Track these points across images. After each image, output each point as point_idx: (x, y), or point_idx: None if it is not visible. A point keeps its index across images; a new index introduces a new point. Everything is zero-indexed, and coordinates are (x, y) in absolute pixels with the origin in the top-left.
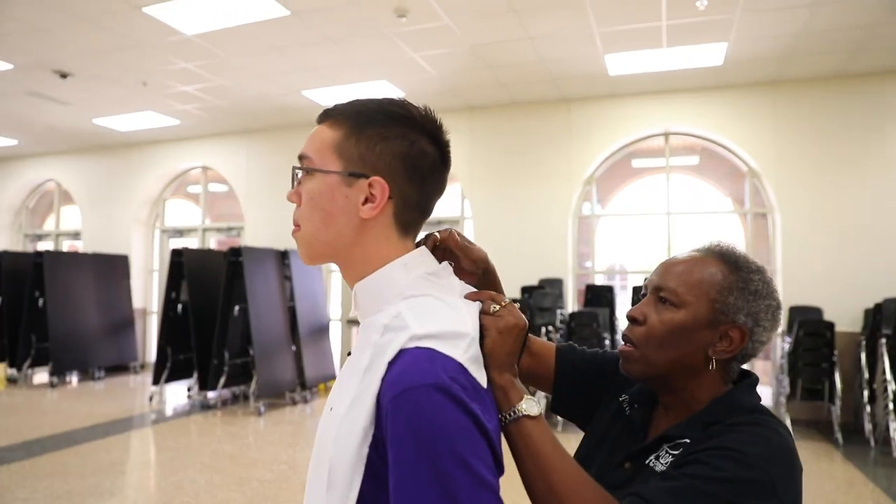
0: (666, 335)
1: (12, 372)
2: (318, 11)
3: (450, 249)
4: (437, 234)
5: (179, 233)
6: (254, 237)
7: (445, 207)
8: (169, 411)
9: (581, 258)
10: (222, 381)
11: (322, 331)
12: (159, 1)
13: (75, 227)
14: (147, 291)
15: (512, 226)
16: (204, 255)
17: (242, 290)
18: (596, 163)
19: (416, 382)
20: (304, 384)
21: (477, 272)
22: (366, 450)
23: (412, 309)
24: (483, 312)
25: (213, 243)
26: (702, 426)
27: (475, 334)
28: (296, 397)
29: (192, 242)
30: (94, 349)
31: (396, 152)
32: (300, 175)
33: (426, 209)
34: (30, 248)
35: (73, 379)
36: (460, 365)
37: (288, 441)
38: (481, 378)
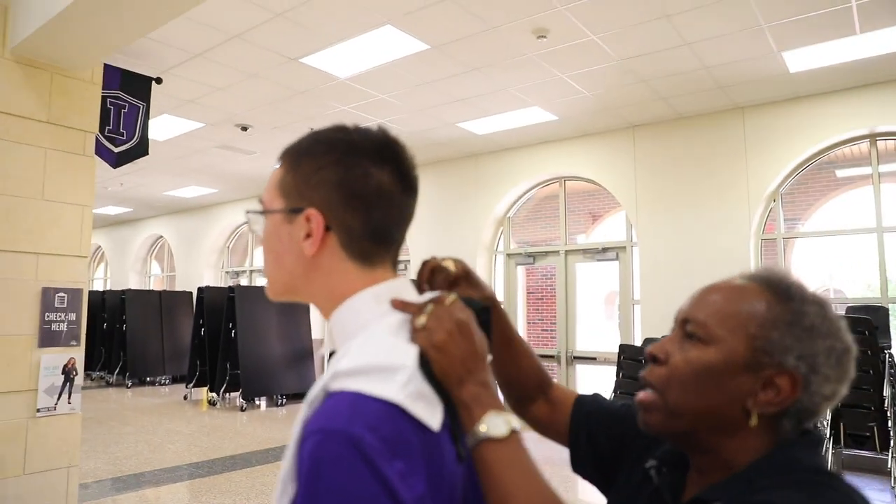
0: (691, 378)
1: (212, 395)
2: (456, 42)
3: (463, 279)
4: (449, 265)
5: None
6: (418, 269)
7: (610, 234)
8: None
9: None
10: None
11: None
12: (314, 51)
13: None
14: (325, 324)
15: (684, 252)
16: None
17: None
18: (780, 176)
19: (325, 425)
20: None
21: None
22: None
23: (361, 342)
24: (413, 331)
25: None
26: (745, 485)
27: (415, 364)
28: None
29: None
30: (278, 377)
31: (331, 180)
32: (253, 220)
33: (382, 237)
34: (229, 284)
35: (262, 403)
36: (392, 408)
37: None
38: (429, 415)
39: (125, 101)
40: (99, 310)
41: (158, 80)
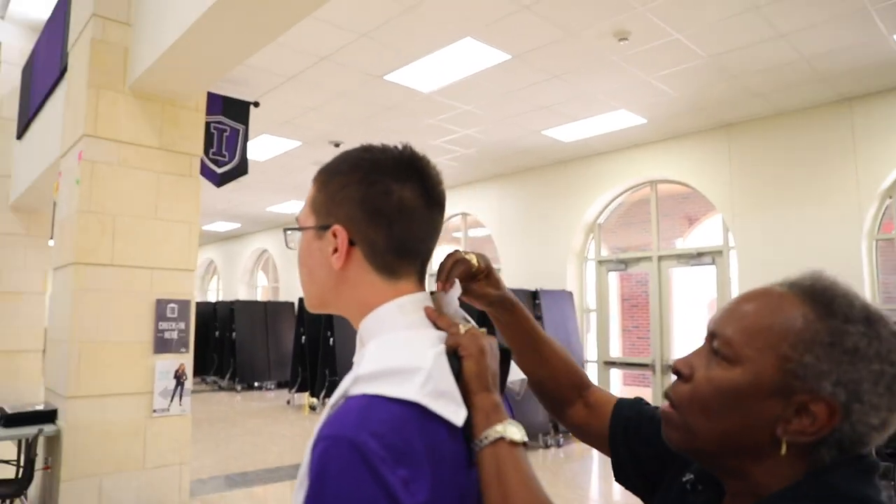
0: (713, 400)
1: (313, 400)
2: (536, 50)
3: (483, 275)
4: (472, 258)
5: None
6: (509, 277)
7: (708, 238)
8: None
9: (888, 289)
10: None
11: None
12: (396, 68)
13: None
14: None
15: (786, 256)
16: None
17: (491, 331)
18: None
19: (334, 432)
20: (558, 427)
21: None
22: (299, 499)
23: (378, 346)
24: (452, 335)
25: None
26: None
27: (434, 368)
28: (549, 440)
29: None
30: None
31: (355, 198)
32: (290, 237)
33: (405, 251)
34: None
35: None
36: (407, 411)
37: None
38: (452, 411)
39: (227, 125)
40: (211, 319)
41: (256, 104)
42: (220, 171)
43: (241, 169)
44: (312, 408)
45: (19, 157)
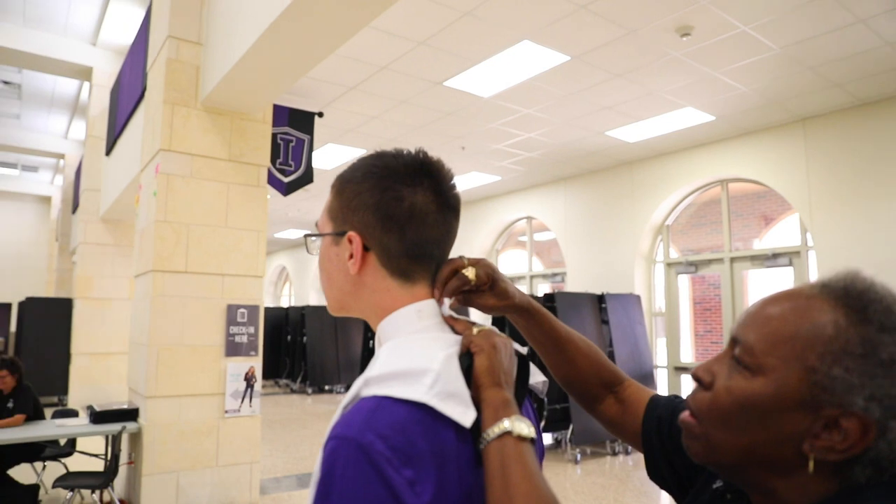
0: (733, 411)
1: None
2: (596, 50)
3: (487, 287)
4: (470, 273)
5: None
6: (575, 281)
7: (783, 239)
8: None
9: None
10: (541, 425)
11: (645, 378)
12: (455, 74)
13: None
14: None
15: (871, 255)
16: None
17: (515, 336)
18: None
19: (342, 432)
20: None
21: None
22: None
23: (390, 349)
24: (466, 336)
25: (543, 290)
26: None
27: (444, 369)
28: (616, 447)
29: (521, 289)
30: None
31: (368, 204)
32: (310, 243)
33: (419, 255)
34: None
35: None
36: (416, 412)
37: (598, 493)
38: (460, 412)
39: (292, 135)
40: (283, 324)
41: (320, 114)
42: (286, 180)
43: (307, 178)
44: None
45: (108, 172)
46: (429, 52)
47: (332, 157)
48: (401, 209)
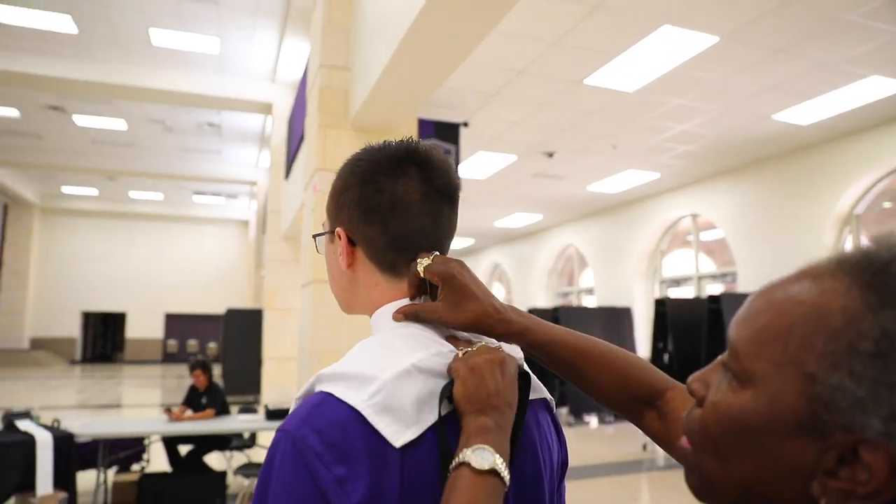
0: (721, 435)
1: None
2: (747, 26)
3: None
4: (421, 264)
5: (676, 282)
6: (747, 283)
7: None
8: (660, 461)
9: None
10: None
11: None
12: (594, 70)
13: (591, 284)
14: (649, 342)
15: None
16: (686, 304)
17: (723, 339)
18: None
19: (284, 425)
20: None
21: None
22: None
23: (356, 349)
24: (456, 357)
25: (711, 291)
26: None
27: (393, 381)
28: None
29: (689, 291)
30: None
31: (351, 199)
32: (318, 242)
33: (405, 247)
34: (559, 304)
35: (593, 420)
36: (354, 414)
37: None
38: (393, 430)
39: (440, 146)
40: None
41: (465, 124)
42: None
43: None
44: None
45: (286, 194)
46: (563, 51)
47: (483, 164)
48: (381, 200)
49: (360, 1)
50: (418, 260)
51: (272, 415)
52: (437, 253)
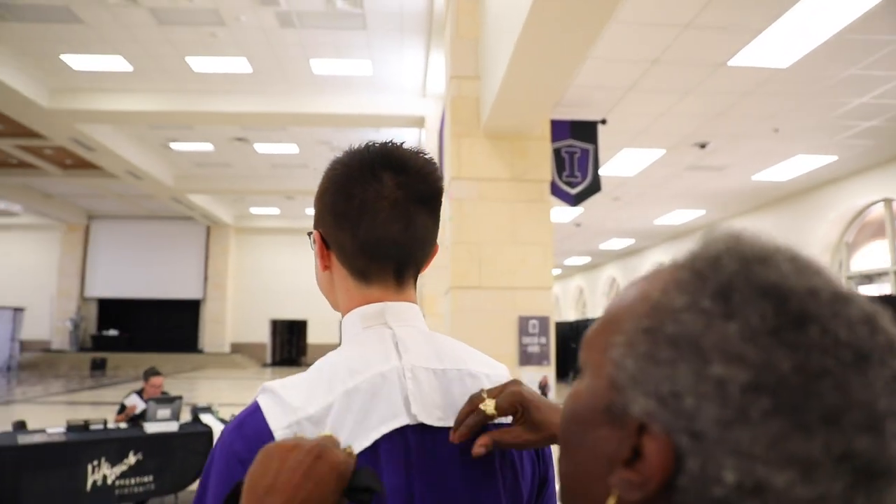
0: (562, 427)
1: None
2: None
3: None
4: (489, 407)
5: (868, 278)
6: None
7: None
8: None
9: None
10: None
11: None
12: (737, 50)
13: None
14: None
15: None
16: (881, 302)
17: None
18: None
19: (225, 428)
20: None
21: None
22: None
23: (313, 367)
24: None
25: None
26: None
27: (314, 416)
28: None
29: (885, 288)
30: None
31: (325, 204)
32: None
33: (374, 252)
34: None
35: None
36: (268, 434)
37: None
38: None
39: (576, 147)
40: (572, 337)
41: (603, 122)
42: (573, 191)
43: (594, 187)
44: None
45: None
46: (698, 33)
47: (632, 162)
48: (350, 206)
49: (484, 9)
50: (481, 406)
51: None
52: (485, 390)
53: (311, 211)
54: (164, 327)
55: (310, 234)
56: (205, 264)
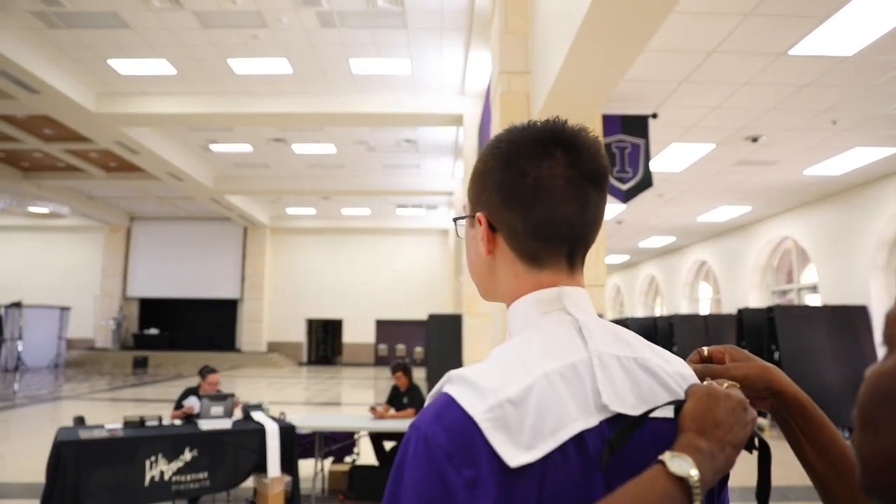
0: (871, 404)
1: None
2: None
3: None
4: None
5: None
6: None
7: None
8: None
9: None
10: None
11: None
12: (800, 38)
13: (814, 281)
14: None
15: None
16: None
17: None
18: None
19: (416, 422)
20: None
21: (761, 396)
22: None
23: (495, 354)
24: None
25: None
26: None
27: (517, 397)
28: None
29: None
30: (834, 405)
31: (492, 184)
32: (459, 226)
33: (548, 235)
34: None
35: None
36: (470, 422)
37: None
38: (508, 449)
39: (627, 142)
40: (651, 335)
41: (654, 116)
42: (624, 187)
43: (646, 182)
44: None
45: None
46: (760, 22)
47: (680, 157)
48: (524, 185)
49: (535, 4)
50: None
51: None
52: (727, 381)
53: (347, 210)
54: (203, 327)
55: (457, 218)
56: (242, 264)
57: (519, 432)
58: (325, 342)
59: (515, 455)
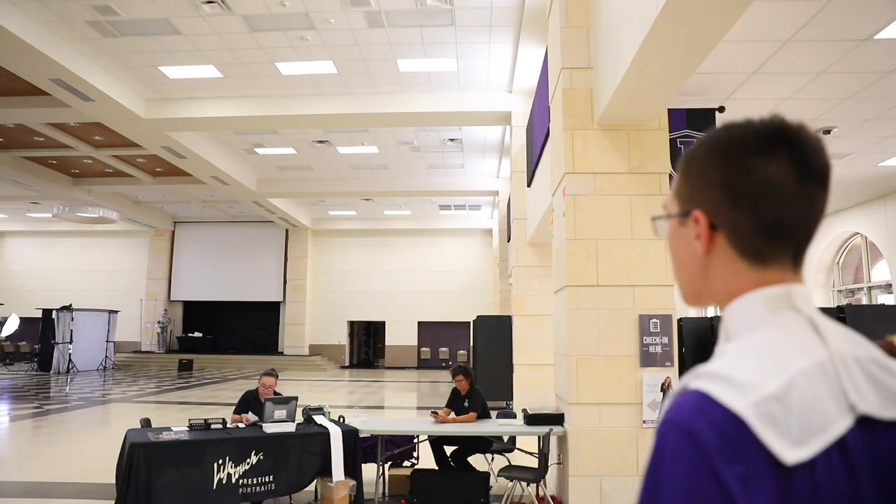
0: None
1: None
2: None
3: None
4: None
5: None
6: None
7: None
8: None
9: None
10: None
11: None
12: (888, 23)
13: (886, 279)
14: None
15: None
16: None
17: None
18: None
19: (674, 417)
20: None
21: None
22: None
23: (738, 350)
24: None
25: None
26: None
27: (781, 390)
28: None
29: None
30: None
31: (714, 180)
32: (659, 225)
33: (776, 233)
34: (839, 304)
35: None
36: (736, 419)
37: None
38: (781, 444)
39: (692, 137)
40: (708, 335)
41: (721, 109)
42: None
43: None
44: None
45: (529, 201)
46: (844, 6)
47: None
48: (751, 183)
49: None
50: None
51: (531, 420)
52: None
53: (389, 212)
54: (246, 329)
55: (657, 218)
56: (284, 267)
57: (787, 429)
58: (367, 345)
59: (789, 451)
